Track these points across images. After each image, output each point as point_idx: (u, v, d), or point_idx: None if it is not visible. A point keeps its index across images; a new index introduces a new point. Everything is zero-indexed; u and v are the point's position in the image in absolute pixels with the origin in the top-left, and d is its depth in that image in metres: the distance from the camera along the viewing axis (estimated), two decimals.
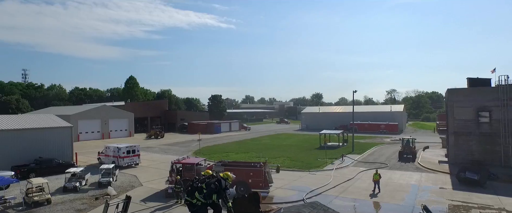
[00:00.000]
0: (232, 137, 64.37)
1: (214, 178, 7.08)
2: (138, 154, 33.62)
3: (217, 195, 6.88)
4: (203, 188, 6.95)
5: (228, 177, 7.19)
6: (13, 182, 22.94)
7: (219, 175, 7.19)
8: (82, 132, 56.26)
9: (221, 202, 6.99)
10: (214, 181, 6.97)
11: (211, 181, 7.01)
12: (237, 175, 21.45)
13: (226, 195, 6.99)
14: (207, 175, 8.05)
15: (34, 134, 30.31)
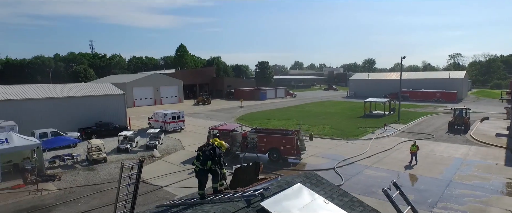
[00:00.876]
0: (276, 104, 65.00)
1: (210, 146, 7.60)
2: (182, 119, 35.98)
3: (211, 161, 7.43)
4: (200, 155, 7.55)
5: (222, 145, 7.65)
6: (78, 142, 26.48)
7: (214, 143, 7.68)
8: (137, 98, 61.19)
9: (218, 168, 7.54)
10: (209, 149, 7.49)
11: (206, 149, 7.56)
12: (269, 142, 22.28)
13: (220, 161, 7.50)
14: (214, 144, 8.70)
15: (94, 100, 33.95)
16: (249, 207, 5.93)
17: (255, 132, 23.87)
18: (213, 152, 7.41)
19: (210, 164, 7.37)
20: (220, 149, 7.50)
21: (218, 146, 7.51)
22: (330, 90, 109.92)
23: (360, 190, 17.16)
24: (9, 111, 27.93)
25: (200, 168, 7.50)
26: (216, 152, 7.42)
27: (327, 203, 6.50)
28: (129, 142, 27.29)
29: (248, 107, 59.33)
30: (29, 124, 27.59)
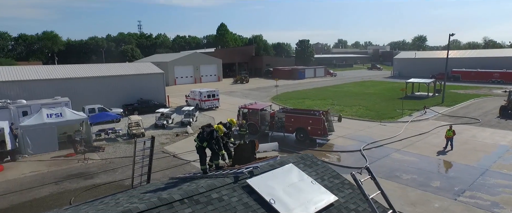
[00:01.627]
0: (314, 83, 63.99)
1: (209, 128, 8.15)
2: (217, 98, 37.20)
3: (207, 142, 8.01)
4: (199, 134, 8.17)
5: (219, 129, 8.14)
6: (120, 118, 28.89)
7: (213, 126, 8.20)
8: (178, 76, 63.95)
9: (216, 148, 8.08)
10: (208, 131, 8.06)
11: (205, 130, 8.13)
12: (296, 122, 22.45)
13: (217, 143, 8.02)
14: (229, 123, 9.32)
15: (136, 79, 36.32)
16: (235, 183, 6.39)
17: (282, 112, 24.12)
18: (210, 135, 7.95)
19: (205, 145, 7.97)
20: (217, 132, 8.01)
21: (215, 130, 8.02)
22: (374, 69, 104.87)
23: (383, 173, 16.84)
24: (64, 88, 31.07)
25: (200, 145, 8.11)
26: (213, 135, 7.95)
27: (314, 184, 6.73)
28: (165, 118, 29.10)
29: (285, 86, 59.20)
30: (80, 100, 30.52)
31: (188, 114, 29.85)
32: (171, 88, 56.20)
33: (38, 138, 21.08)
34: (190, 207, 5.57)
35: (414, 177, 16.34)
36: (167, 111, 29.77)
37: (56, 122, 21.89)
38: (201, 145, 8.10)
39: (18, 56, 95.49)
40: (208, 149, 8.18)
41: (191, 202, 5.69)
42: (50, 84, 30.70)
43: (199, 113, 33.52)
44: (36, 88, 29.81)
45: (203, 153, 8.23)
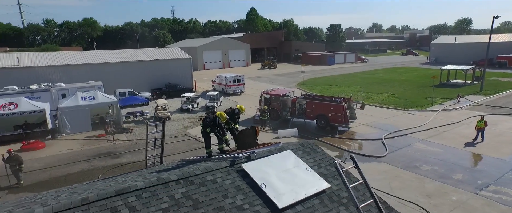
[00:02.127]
0: (344, 69, 62.36)
1: (213, 115, 8.48)
2: (242, 83, 37.60)
3: (210, 128, 8.36)
4: (204, 120, 8.54)
5: (221, 116, 8.42)
6: (148, 101, 30.26)
7: (216, 113, 8.50)
8: (207, 61, 65.05)
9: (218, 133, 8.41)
10: (212, 117, 8.40)
11: (209, 116, 8.47)
12: (317, 109, 22.32)
13: (219, 130, 8.33)
14: (231, 109, 9.59)
15: (165, 64, 37.55)
16: (231, 167, 6.69)
17: (304, 98, 24.00)
18: (213, 121, 8.28)
19: (208, 130, 8.33)
20: (219, 119, 8.30)
21: (218, 117, 8.32)
22: (410, 55, 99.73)
23: (402, 163, 16.43)
24: (98, 72, 32.94)
25: (202, 130, 8.50)
26: (216, 121, 8.27)
27: (309, 170, 6.86)
28: (190, 102, 30.05)
29: (313, 71, 58.30)
30: (113, 83, 32.24)
31: (212, 99, 30.58)
32: (199, 73, 57.47)
33: (74, 118, 22.78)
34: (185, 187, 5.97)
35: (435, 168, 15.79)
36: (192, 95, 30.68)
37: (89, 104, 23.46)
38: (204, 130, 8.49)
39: (62, 42, 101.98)
40: (213, 134, 8.55)
41: (186, 182, 6.08)
42: (86, 69, 32.67)
43: (223, 98, 34.17)
44: (74, 72, 31.87)
45: (208, 137, 8.62)
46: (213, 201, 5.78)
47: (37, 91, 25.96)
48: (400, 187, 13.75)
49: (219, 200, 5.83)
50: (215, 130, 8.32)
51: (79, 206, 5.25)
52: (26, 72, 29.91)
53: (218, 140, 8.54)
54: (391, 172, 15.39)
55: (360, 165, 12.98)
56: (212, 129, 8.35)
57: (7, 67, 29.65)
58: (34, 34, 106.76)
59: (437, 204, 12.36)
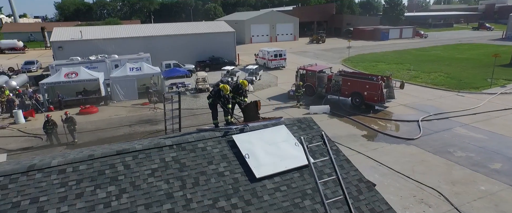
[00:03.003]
0: (397, 45, 58.12)
1: (217, 87, 8.96)
2: (284, 57, 37.39)
3: (213, 99, 8.89)
4: (210, 92, 9.12)
5: (224, 88, 8.83)
6: (189, 73, 31.80)
7: (219, 86, 8.95)
8: (254, 35, 65.14)
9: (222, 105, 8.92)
10: (216, 90, 8.90)
11: (214, 89, 8.99)
12: (353, 86, 21.76)
13: (223, 101, 8.81)
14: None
15: (209, 37, 38.73)
16: (223, 137, 7.21)
17: (339, 75, 23.35)
18: (217, 93, 8.78)
19: (211, 101, 8.88)
20: (223, 91, 8.76)
21: (221, 89, 8.79)
22: (482, 29, 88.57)
23: (434, 147, 15.54)
24: (148, 44, 35.27)
25: (208, 102, 9.10)
26: (220, 93, 8.76)
27: (297, 145, 7.11)
28: (230, 75, 30.93)
29: (362, 47, 55.42)
30: (160, 55, 34.41)
31: (251, 72, 31.13)
32: (246, 46, 58.07)
33: (123, 87, 25.11)
34: (176, 152, 6.65)
35: (471, 155, 14.69)
36: (232, 68, 31.52)
37: (136, 74, 25.57)
38: (209, 102, 9.07)
39: (124, 16, 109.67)
40: (216, 106, 9.11)
41: (178, 148, 6.76)
42: (137, 41, 35.18)
43: (263, 72, 34.52)
44: (127, 44, 34.53)
45: (214, 109, 9.20)
46: (198, 166, 6.39)
47: (95, 62, 28.88)
48: (424, 172, 13.19)
49: (204, 165, 6.42)
50: (219, 101, 8.84)
51: (85, 161, 6.23)
52: (87, 45, 33.21)
53: (224, 112, 9.09)
54: (418, 155, 14.72)
55: (387, 146, 12.86)
56: (217, 101, 8.88)
57: (73, 40, 33.19)
58: (101, 8, 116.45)
59: (459, 192, 11.71)
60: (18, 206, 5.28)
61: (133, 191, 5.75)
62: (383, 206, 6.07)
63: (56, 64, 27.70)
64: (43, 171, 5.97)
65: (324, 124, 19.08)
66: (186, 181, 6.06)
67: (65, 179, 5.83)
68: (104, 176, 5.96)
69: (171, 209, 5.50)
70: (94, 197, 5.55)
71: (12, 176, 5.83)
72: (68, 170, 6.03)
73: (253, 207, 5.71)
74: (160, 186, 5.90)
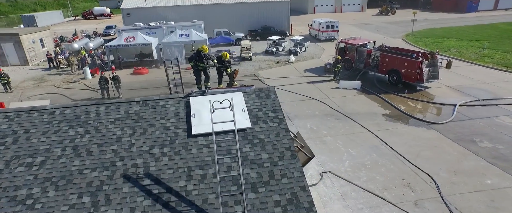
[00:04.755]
0: (485, 18, 50.05)
1: (196, 50, 9.92)
2: (336, 30, 35.85)
3: (193, 60, 9.86)
4: (191, 56, 10.12)
5: (203, 49, 9.69)
6: (233, 41, 32.85)
7: (198, 49, 9.87)
8: (318, 5, 62.56)
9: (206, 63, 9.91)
10: (195, 51, 9.89)
11: (194, 52, 9.99)
12: (390, 63, 20.65)
13: (204, 60, 9.77)
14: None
15: (262, 6, 38.89)
16: (183, 98, 8.23)
17: (378, 50, 21.95)
18: (198, 54, 9.74)
19: (192, 64, 9.86)
20: (202, 51, 9.67)
21: (200, 50, 9.69)
22: None
23: (458, 134, 14.23)
24: (202, 12, 37.15)
25: (191, 64, 10.16)
26: (201, 54, 9.69)
27: (244, 111, 7.80)
28: (275, 45, 31.25)
29: (437, 21, 49.35)
30: (214, 23, 36.10)
31: (297, 43, 30.92)
32: (307, 16, 56.46)
33: (172, 52, 27.58)
34: (140, 107, 7.92)
35: (499, 147, 13.17)
36: (277, 38, 31.70)
37: (183, 40, 27.73)
38: (192, 65, 10.11)
39: None
40: (200, 71, 10.12)
41: (143, 104, 8.01)
42: (194, 9, 37.33)
43: (312, 44, 33.88)
44: (184, 12, 36.93)
45: (197, 74, 10.23)
46: (151, 119, 7.59)
47: (154, 28, 31.88)
48: (429, 157, 12.45)
49: (156, 119, 7.59)
50: (197, 59, 9.83)
51: (71, 107, 7.93)
52: (150, 12, 36.52)
53: (205, 78, 10.07)
54: (433, 140, 13.76)
55: (403, 128, 12.81)
56: (193, 59, 9.88)
57: (138, 7, 36.84)
58: None
59: (457, 182, 10.94)
60: (15, 133, 7.19)
61: (94, 133, 7.24)
62: (296, 173, 6.50)
63: (122, 29, 31.47)
64: (40, 111, 7.84)
65: (348, 99, 18.70)
66: (137, 130, 7.33)
67: (52, 118, 7.59)
68: (79, 120, 7.56)
69: (115, 149, 6.86)
70: (66, 133, 7.20)
71: (19, 112, 7.81)
72: (56, 112, 7.79)
73: (179, 157, 6.73)
74: (115, 131, 7.28)
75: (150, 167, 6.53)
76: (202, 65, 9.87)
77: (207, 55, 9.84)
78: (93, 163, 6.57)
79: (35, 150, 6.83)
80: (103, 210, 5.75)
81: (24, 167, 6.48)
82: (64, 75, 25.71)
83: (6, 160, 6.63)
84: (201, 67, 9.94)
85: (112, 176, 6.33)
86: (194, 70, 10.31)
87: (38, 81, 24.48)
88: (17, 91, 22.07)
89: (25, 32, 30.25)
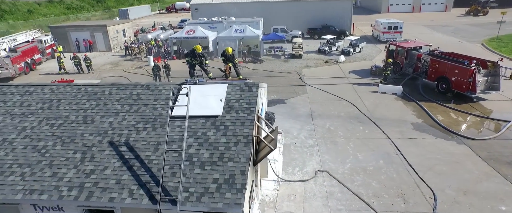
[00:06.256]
0: None
1: (192, 48, 11.12)
2: (400, 31, 33.51)
3: (189, 57, 11.05)
4: (186, 53, 11.38)
5: (197, 48, 10.77)
6: (285, 38, 33.17)
7: (193, 47, 11.04)
8: (393, 3, 58.32)
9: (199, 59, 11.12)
10: (191, 49, 11.11)
11: (190, 50, 11.19)
12: (440, 69, 19.28)
13: (197, 58, 10.93)
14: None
15: (323, 4, 38.33)
16: (177, 85, 9.53)
17: (428, 54, 20.25)
18: (192, 52, 10.98)
19: (187, 60, 11.14)
20: (196, 50, 10.85)
21: (194, 49, 10.91)
22: None
23: (494, 153, 12.68)
24: (264, 9, 38.30)
25: (186, 60, 11.47)
26: (195, 52, 10.91)
27: (221, 101, 8.80)
28: (329, 45, 30.85)
29: None
30: (273, 20, 37.07)
31: (351, 44, 30.05)
32: (380, 16, 53.28)
33: (227, 46, 29.43)
34: (142, 90, 9.48)
35: None
36: (332, 37, 31.21)
37: (237, 36, 29.42)
38: (187, 60, 11.42)
39: None
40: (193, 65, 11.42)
41: (146, 87, 9.56)
42: (256, 6, 38.80)
43: (370, 45, 32.42)
44: (247, 8, 38.66)
45: (190, 67, 11.57)
46: (147, 100, 9.07)
47: (215, 23, 34.36)
48: (442, 172, 11.56)
49: (150, 101, 9.05)
50: (196, 59, 11.06)
51: (92, 85, 9.93)
52: (216, 7, 39.24)
53: (205, 72, 11.36)
54: (457, 156, 12.60)
55: (429, 139, 12.94)
56: (191, 58, 11.14)
57: (205, 3, 39.93)
58: None
59: (461, 202, 10.06)
60: (51, 101, 9.39)
61: (102, 106, 9.04)
62: (243, 159, 7.21)
63: (187, 22, 34.71)
64: (72, 87, 10.00)
65: (381, 104, 17.96)
66: (132, 108, 8.90)
67: (78, 93, 9.64)
68: (95, 96, 9.47)
69: (111, 121, 8.52)
70: (82, 105, 9.14)
71: (58, 86, 10.09)
72: (82, 88, 9.86)
73: (155, 133, 8.06)
74: (116, 107, 8.97)
75: (130, 138, 8.00)
76: (196, 61, 11.11)
77: (200, 54, 11.05)
78: (92, 130, 8.32)
79: (59, 114, 8.90)
80: (86, 164, 7.39)
81: (48, 126, 8.55)
82: (134, 61, 29.80)
83: (39, 119, 8.81)
84: (195, 62, 11.18)
85: (102, 141, 7.97)
86: (188, 64, 11.64)
87: (113, 65, 28.93)
88: (97, 73, 26.53)
89: (112, 24, 35.71)
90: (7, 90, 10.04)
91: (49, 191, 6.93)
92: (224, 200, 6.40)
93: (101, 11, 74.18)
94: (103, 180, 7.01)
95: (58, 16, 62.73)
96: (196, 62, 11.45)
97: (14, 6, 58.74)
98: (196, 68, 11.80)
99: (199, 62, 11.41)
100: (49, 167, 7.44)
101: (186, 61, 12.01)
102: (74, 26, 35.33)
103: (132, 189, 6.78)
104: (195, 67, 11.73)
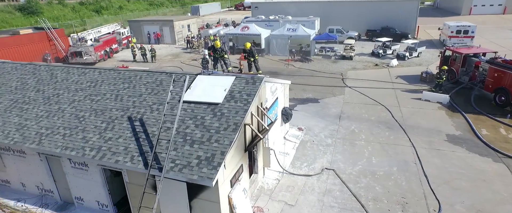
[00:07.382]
0: None
1: (212, 43, 12.16)
2: (471, 35, 30.25)
3: (211, 50, 12.13)
4: (208, 47, 12.49)
5: (216, 44, 11.81)
6: (336, 38, 32.42)
7: (213, 43, 12.06)
8: (478, 4, 52.00)
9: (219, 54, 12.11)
10: (211, 44, 12.15)
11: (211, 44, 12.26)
12: (499, 79, 17.64)
13: (221, 54, 11.93)
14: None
15: (386, 5, 36.42)
16: (195, 75, 10.81)
17: (487, 62, 18.25)
18: (212, 47, 12.13)
19: (209, 52, 12.31)
20: (214, 46, 11.97)
21: (213, 45, 12.02)
22: None
23: None
24: (322, 9, 37.92)
25: (208, 53, 12.64)
26: (214, 48, 12.06)
27: (225, 91, 9.81)
28: (383, 48, 29.47)
29: None
30: (330, 20, 36.59)
31: (408, 48, 28.32)
32: (459, 18, 48.22)
33: (278, 44, 30.41)
34: (165, 76, 11.01)
35: None
36: (387, 40, 29.74)
37: (289, 34, 30.01)
38: (208, 54, 12.58)
39: None
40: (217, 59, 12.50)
41: (169, 75, 11.06)
42: (314, 6, 38.72)
43: (432, 50, 30.01)
44: (305, 8, 38.86)
45: (214, 60, 12.66)
46: (167, 86, 10.53)
47: (272, 21, 35.37)
48: (460, 188, 10.80)
49: (161, 86, 10.49)
50: (217, 54, 12.18)
51: (129, 70, 11.81)
52: (275, 6, 40.23)
53: (225, 65, 12.42)
54: (487, 174, 11.53)
55: (460, 153, 13.21)
56: (215, 54, 12.25)
57: (265, 2, 41.21)
58: None
59: None
60: (97, 81, 11.51)
61: (131, 88, 10.78)
62: (226, 142, 8.10)
63: (246, 20, 36.40)
64: (115, 71, 12.02)
65: (420, 112, 16.99)
66: (153, 91, 10.45)
67: (117, 76, 11.59)
68: (129, 79, 11.29)
69: (134, 100, 10.17)
70: (117, 86, 11.02)
71: (105, 69, 12.22)
72: (121, 72, 11.80)
73: (163, 113, 9.42)
74: (141, 90, 10.62)
75: (144, 115, 9.53)
76: (217, 55, 12.22)
77: (219, 49, 12.15)
78: (119, 106, 10.08)
79: (99, 92, 10.91)
80: (107, 133, 9.12)
81: (90, 101, 10.60)
82: (192, 54, 32.57)
83: (85, 95, 10.93)
84: (217, 55, 12.30)
85: (123, 115, 9.66)
86: (212, 57, 12.80)
87: (174, 56, 32.08)
88: (158, 62, 29.81)
89: (178, 19, 39.33)
90: (71, 71, 12.51)
91: (77, 149, 8.79)
92: (200, 173, 7.43)
93: (177, 7, 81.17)
94: (115, 146, 8.62)
95: (142, 12, 70.68)
96: (217, 56, 12.64)
97: (109, 2, 68.10)
98: (218, 61, 12.98)
99: (220, 56, 12.57)
100: (82, 131, 9.36)
101: (208, 55, 13.30)
102: (147, 21, 39.89)
103: (134, 156, 8.24)
104: (217, 61, 12.92)
